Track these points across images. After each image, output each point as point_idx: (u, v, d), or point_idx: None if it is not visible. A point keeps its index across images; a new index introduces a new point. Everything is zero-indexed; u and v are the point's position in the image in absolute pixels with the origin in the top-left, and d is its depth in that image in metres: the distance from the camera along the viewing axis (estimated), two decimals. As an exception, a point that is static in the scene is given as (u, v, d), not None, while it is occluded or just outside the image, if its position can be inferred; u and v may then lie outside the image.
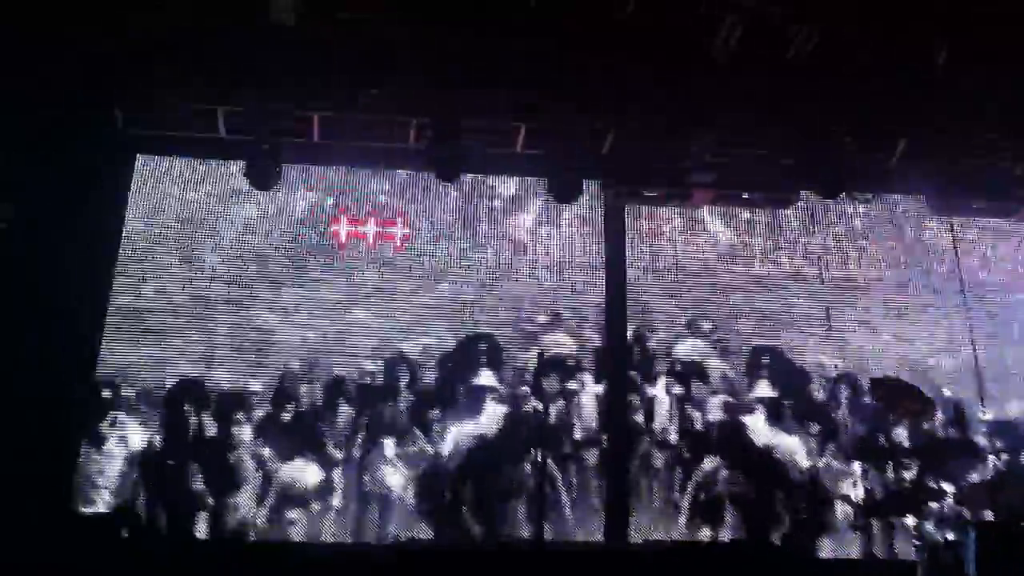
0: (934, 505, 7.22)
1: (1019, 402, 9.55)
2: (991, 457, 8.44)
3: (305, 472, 9.14)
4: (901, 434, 8.83)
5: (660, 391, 9.67)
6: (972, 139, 9.93)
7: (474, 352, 9.70)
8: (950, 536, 6.91)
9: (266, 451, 9.14)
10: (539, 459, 7.90)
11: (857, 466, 8.73)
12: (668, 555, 6.94)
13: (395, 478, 9.18)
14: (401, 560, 7.02)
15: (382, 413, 9.40)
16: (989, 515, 7.02)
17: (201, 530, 8.82)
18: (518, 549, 7.57)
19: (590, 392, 9.64)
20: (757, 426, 9.44)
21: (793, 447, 9.34)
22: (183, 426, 9.17)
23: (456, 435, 9.33)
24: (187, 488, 8.95)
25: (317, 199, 10.11)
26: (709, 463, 9.27)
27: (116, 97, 9.50)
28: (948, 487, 7.29)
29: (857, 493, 8.42)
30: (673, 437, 9.48)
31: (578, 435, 9.45)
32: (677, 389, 9.66)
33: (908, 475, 7.69)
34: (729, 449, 9.24)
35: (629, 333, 9.87)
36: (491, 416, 9.40)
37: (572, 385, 9.63)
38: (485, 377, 9.61)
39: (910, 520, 7.27)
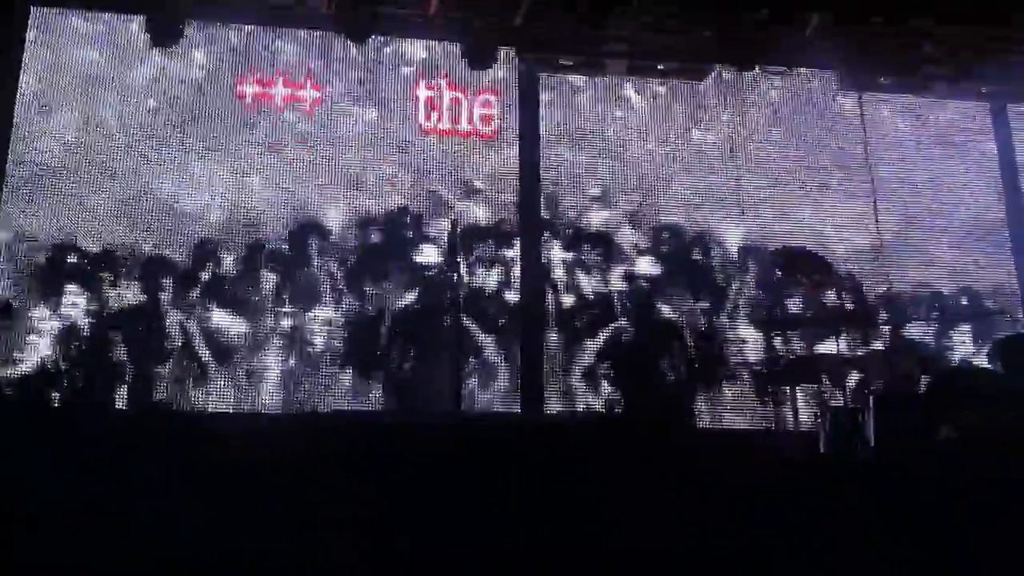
0: (833, 373, 7.53)
1: (911, 277, 9.90)
2: (884, 328, 8.73)
3: (228, 338, 9.01)
4: (801, 304, 9.10)
5: (570, 261, 9.73)
6: (884, 15, 10.01)
7: (393, 221, 9.56)
8: (849, 403, 7.24)
9: (187, 318, 8.96)
10: (455, 330, 7.96)
11: (758, 336, 8.99)
12: (580, 426, 7.08)
13: (317, 346, 9.13)
14: (320, 430, 7.01)
15: (302, 279, 9.28)
16: (884, 381, 7.30)
17: (123, 400, 8.63)
18: (437, 421, 7.63)
19: (503, 262, 9.63)
20: (660, 298, 9.60)
21: (693, 319, 9.54)
22: (97, 294, 8.89)
23: (373, 304, 9.29)
24: (109, 359, 8.72)
25: (222, 58, 9.71)
26: (613, 333, 9.42)
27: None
28: (846, 355, 7.57)
29: (759, 363, 8.66)
30: (583, 307, 9.59)
31: (492, 306, 9.47)
32: (587, 259, 9.73)
33: (807, 344, 7.92)
34: (633, 321, 9.39)
35: (542, 203, 9.84)
36: (405, 286, 9.36)
37: (485, 254, 9.61)
38: (403, 245, 9.50)
39: (809, 389, 7.57)
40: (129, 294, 8.93)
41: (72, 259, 8.91)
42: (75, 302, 8.79)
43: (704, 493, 5.94)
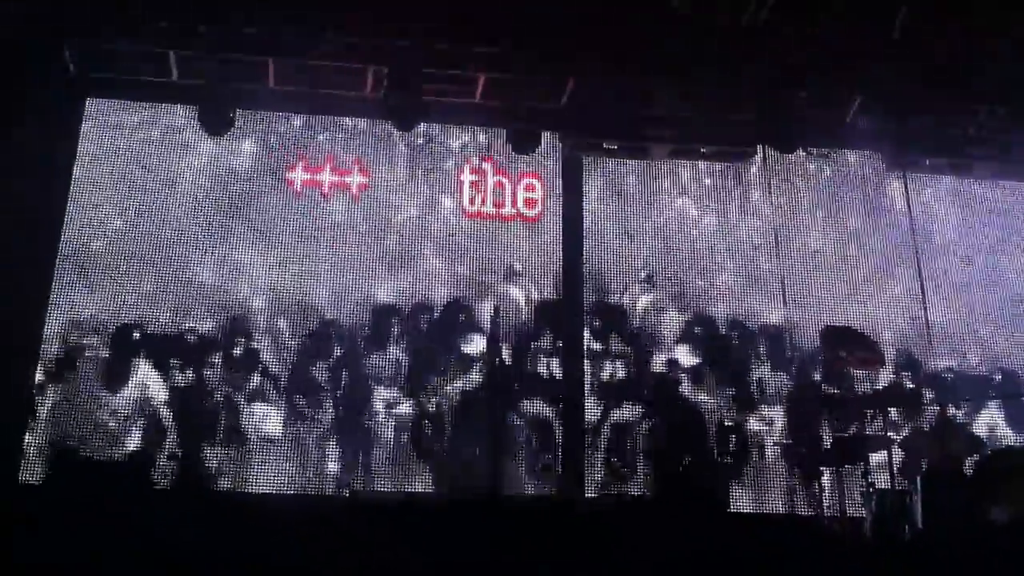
0: (880, 455, 7.36)
1: (956, 357, 9.77)
2: (930, 408, 8.53)
3: (270, 421, 9.09)
4: (847, 384, 9.01)
5: (613, 347, 9.71)
6: (927, 98, 10.03)
7: (437, 307, 9.65)
8: (896, 485, 7.06)
9: (235, 399, 9.08)
10: (498, 414, 7.95)
11: (802, 417, 8.89)
12: (621, 510, 6.97)
13: (358, 429, 9.19)
14: (356, 511, 7.00)
15: (352, 364, 9.36)
16: (930, 462, 7.11)
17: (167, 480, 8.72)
18: (476, 502, 7.58)
19: (545, 347, 9.65)
20: (702, 384, 9.56)
21: (736, 403, 9.51)
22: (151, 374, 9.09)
23: (418, 388, 9.35)
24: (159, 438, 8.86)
25: (272, 146, 9.95)
26: (658, 420, 9.34)
27: (66, 38, 9.27)
28: (893, 436, 7.39)
29: (803, 446, 8.47)
30: (624, 393, 9.54)
31: (535, 390, 9.46)
32: (629, 347, 9.71)
33: (855, 425, 7.74)
34: (675, 408, 9.33)
35: (585, 288, 9.86)
36: (451, 371, 9.42)
37: (527, 339, 9.63)
38: (448, 330, 9.60)
39: (856, 470, 7.39)
40: (179, 377, 9.07)
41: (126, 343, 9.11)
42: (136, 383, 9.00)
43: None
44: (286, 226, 9.70)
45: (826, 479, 7.72)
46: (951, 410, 8.28)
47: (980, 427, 8.98)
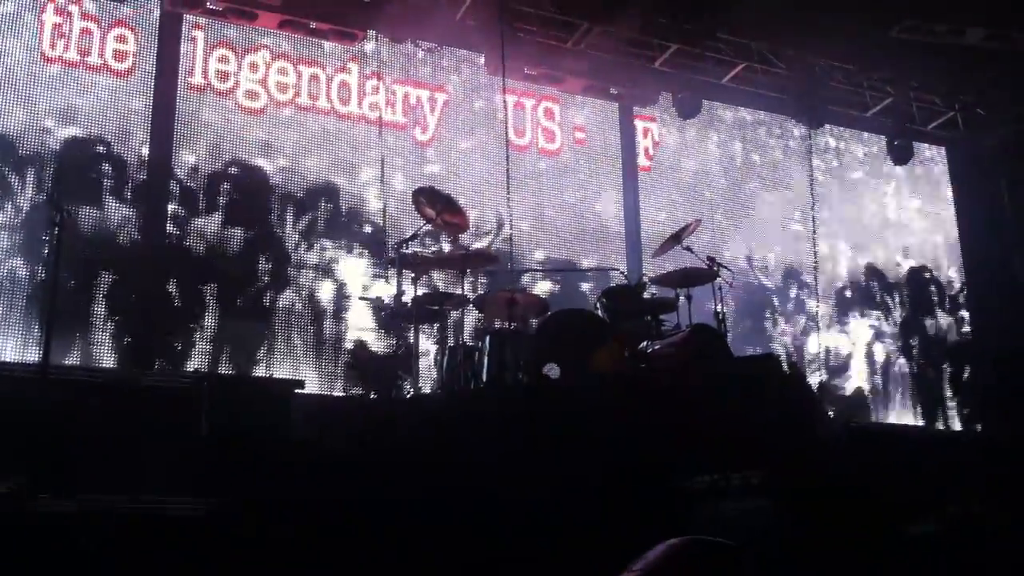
0: (456, 314, 7.56)
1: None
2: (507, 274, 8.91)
3: None
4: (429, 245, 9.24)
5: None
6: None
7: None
8: (467, 342, 7.31)
9: None
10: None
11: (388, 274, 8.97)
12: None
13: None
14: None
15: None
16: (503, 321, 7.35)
17: None
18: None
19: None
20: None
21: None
22: None
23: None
24: None
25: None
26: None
27: None
28: (469, 295, 7.58)
29: (385, 302, 8.49)
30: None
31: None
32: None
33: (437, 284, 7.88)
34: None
35: (175, 149, 9.30)
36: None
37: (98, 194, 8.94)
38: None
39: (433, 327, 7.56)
40: None
41: None
42: None
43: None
44: None
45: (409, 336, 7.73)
46: (524, 277, 8.69)
47: (544, 291, 9.58)
